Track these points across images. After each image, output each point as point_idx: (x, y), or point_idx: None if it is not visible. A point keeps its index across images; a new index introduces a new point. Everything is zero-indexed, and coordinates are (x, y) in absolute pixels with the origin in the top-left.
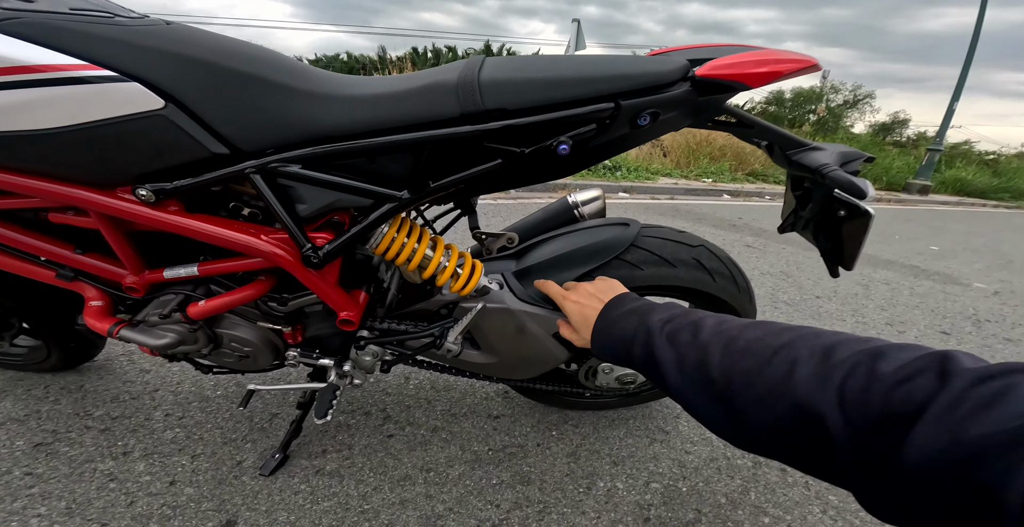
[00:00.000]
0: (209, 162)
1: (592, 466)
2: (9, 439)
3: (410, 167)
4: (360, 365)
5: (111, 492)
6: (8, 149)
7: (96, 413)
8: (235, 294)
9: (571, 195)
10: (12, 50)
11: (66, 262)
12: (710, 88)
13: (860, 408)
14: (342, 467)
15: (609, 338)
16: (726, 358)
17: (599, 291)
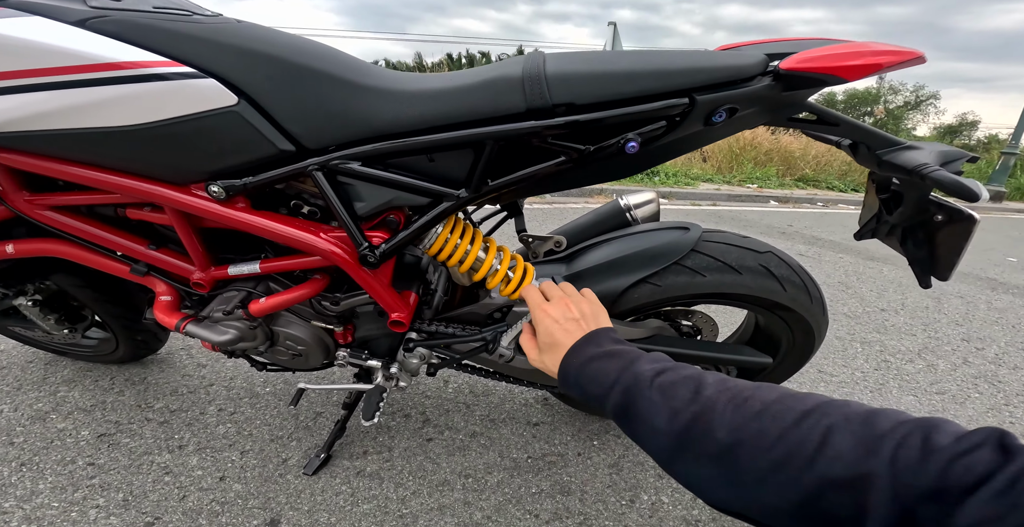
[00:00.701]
0: (275, 159)
1: (636, 478)
2: (75, 428)
3: (469, 165)
4: (406, 367)
5: (166, 485)
6: (92, 145)
7: (156, 405)
8: (293, 292)
9: (622, 198)
10: (100, 48)
11: (140, 257)
12: (796, 82)
13: (914, 480)
14: (382, 469)
15: (581, 375)
16: (736, 416)
17: (583, 316)
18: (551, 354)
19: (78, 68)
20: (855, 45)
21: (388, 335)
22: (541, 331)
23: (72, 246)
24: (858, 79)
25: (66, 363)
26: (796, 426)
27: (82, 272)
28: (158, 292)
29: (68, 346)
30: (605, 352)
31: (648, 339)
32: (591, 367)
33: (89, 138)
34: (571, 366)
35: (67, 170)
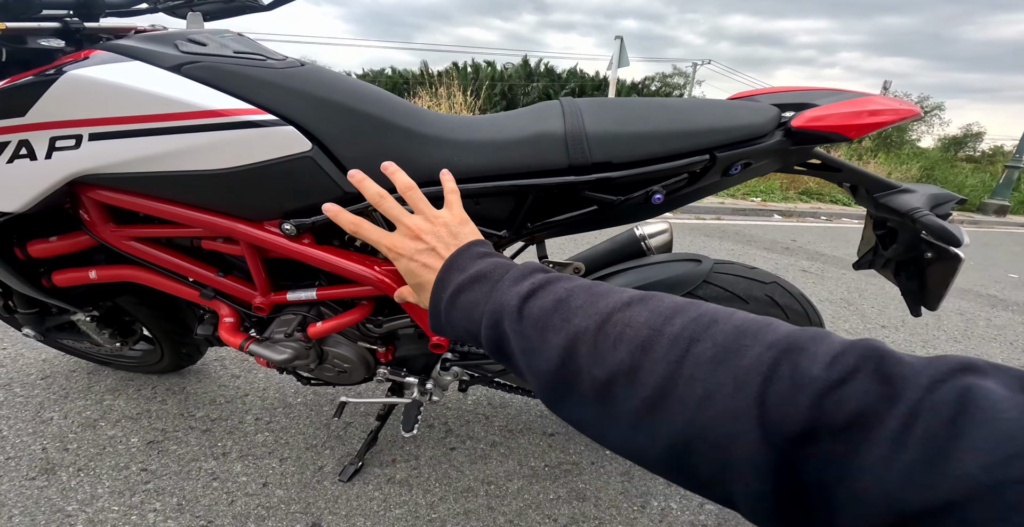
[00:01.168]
0: (340, 200)
1: (646, 485)
2: (125, 435)
3: (511, 209)
4: (440, 383)
5: (214, 490)
6: (183, 186)
7: (198, 414)
8: (346, 316)
9: (638, 227)
10: (196, 95)
11: (210, 283)
12: (804, 138)
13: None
14: (411, 476)
15: (451, 315)
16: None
17: (440, 241)
18: (421, 295)
19: (177, 115)
20: (858, 102)
21: (425, 354)
22: (403, 274)
23: (149, 272)
24: (860, 137)
25: (108, 373)
26: (663, 355)
27: (143, 292)
28: (222, 314)
29: (113, 357)
30: (470, 277)
31: None
32: (459, 301)
33: (181, 180)
34: (440, 305)
35: (157, 207)
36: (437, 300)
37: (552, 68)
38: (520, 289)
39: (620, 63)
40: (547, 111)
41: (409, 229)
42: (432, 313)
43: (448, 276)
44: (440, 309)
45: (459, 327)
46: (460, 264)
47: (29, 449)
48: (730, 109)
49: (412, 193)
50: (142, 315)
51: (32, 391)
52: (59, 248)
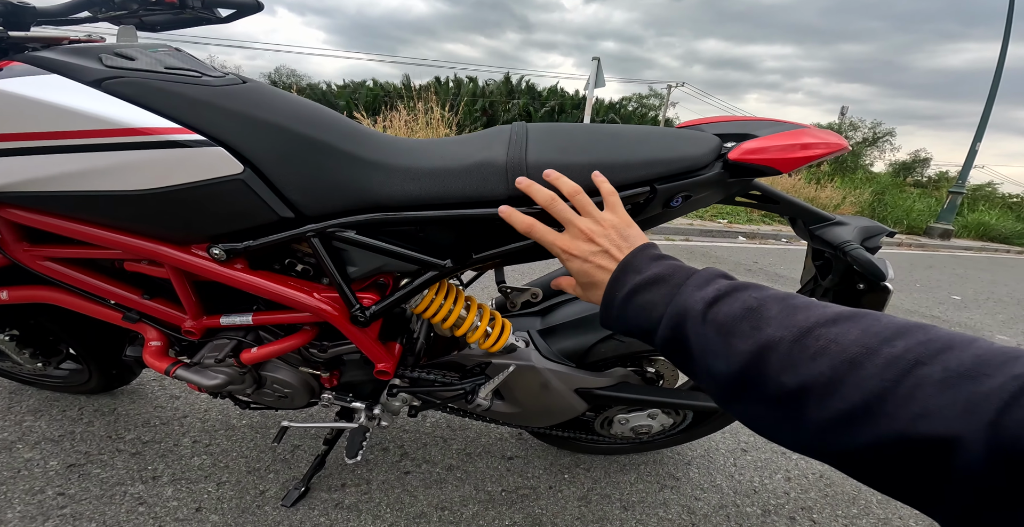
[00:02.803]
0: (275, 225)
1: (603, 510)
2: (43, 459)
3: (454, 238)
4: (389, 409)
5: (140, 515)
6: (99, 207)
7: (128, 437)
8: (284, 343)
9: None
10: (115, 112)
11: (134, 306)
12: (741, 171)
13: (1015, 444)
14: (360, 501)
15: (626, 312)
16: (801, 357)
17: (612, 244)
18: (592, 292)
19: (93, 132)
20: (791, 135)
21: (372, 380)
22: (574, 273)
23: (66, 294)
24: (790, 171)
25: (32, 392)
26: (876, 373)
27: (65, 313)
28: (148, 338)
29: (37, 377)
30: (647, 279)
31: (615, 387)
32: (635, 301)
33: (96, 201)
34: (614, 304)
35: (72, 227)
36: (611, 299)
37: (533, 86)
38: (705, 294)
39: (596, 83)
40: (494, 138)
41: (581, 231)
42: (605, 309)
43: (624, 277)
44: (613, 307)
45: (632, 325)
46: (635, 266)
47: None
48: (674, 140)
49: (580, 197)
50: (66, 335)
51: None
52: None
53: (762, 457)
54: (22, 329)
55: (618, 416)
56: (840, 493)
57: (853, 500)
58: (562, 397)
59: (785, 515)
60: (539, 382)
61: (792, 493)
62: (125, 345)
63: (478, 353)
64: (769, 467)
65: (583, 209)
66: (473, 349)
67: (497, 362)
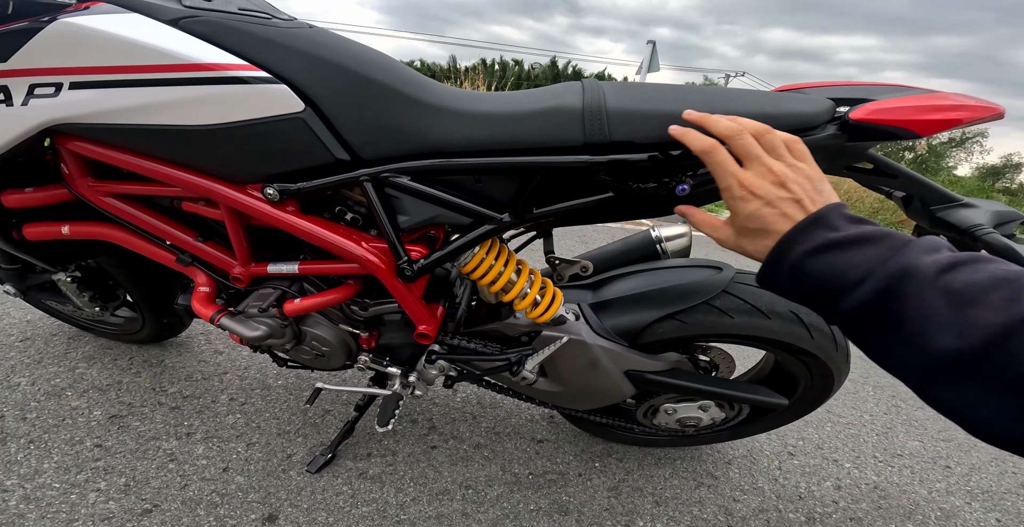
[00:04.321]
0: (330, 167)
1: (633, 504)
2: (89, 408)
3: (515, 190)
4: (424, 377)
5: (169, 473)
6: (165, 141)
7: (170, 390)
8: (327, 295)
9: (655, 230)
10: (189, 48)
11: (187, 248)
12: (863, 133)
13: None
14: (384, 473)
15: (806, 267)
16: None
17: (805, 193)
18: (757, 240)
19: (167, 67)
20: (930, 97)
21: (411, 344)
22: (744, 215)
23: (124, 232)
24: (932, 134)
25: (88, 339)
26: None
27: (123, 254)
28: (198, 282)
29: (95, 323)
30: (848, 237)
31: (668, 372)
32: (825, 258)
33: (163, 134)
34: (790, 255)
35: (136, 162)
36: (785, 251)
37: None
38: (938, 258)
39: (650, 68)
40: (565, 89)
41: (772, 172)
42: (772, 263)
43: (812, 231)
44: (786, 261)
45: (811, 283)
46: (829, 221)
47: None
48: (775, 97)
49: (771, 136)
50: (123, 279)
51: (8, 353)
52: (33, 199)
53: (811, 463)
54: (83, 271)
55: (665, 405)
56: (896, 506)
57: (909, 515)
58: (610, 378)
59: (831, 524)
60: (588, 359)
61: (841, 502)
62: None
63: (524, 323)
64: (818, 474)
65: (773, 151)
66: (519, 318)
67: (547, 334)
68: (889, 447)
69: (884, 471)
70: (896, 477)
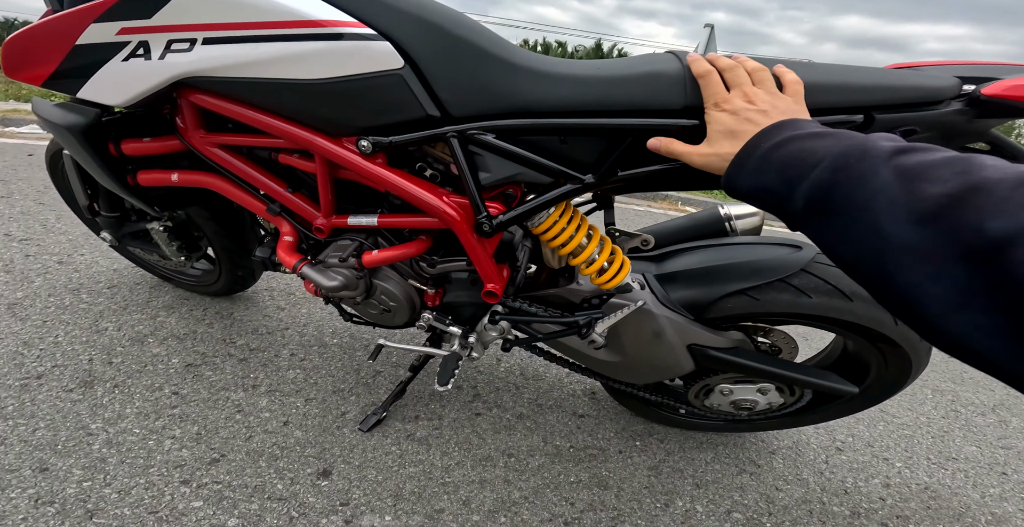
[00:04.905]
0: (421, 122)
1: (673, 483)
2: (168, 355)
3: (600, 152)
4: (483, 339)
5: (236, 423)
6: (276, 94)
7: (239, 342)
8: (402, 248)
9: (723, 207)
10: (308, 6)
11: (278, 198)
12: (993, 110)
13: None
14: (431, 436)
15: (769, 158)
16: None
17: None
18: (725, 142)
19: (288, 24)
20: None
21: (474, 304)
22: (712, 121)
23: (225, 181)
24: None
25: (168, 289)
26: None
27: (213, 208)
28: (283, 232)
29: (175, 273)
30: (811, 133)
31: (731, 350)
32: (789, 147)
33: (275, 88)
34: (754, 154)
35: (247, 114)
36: (752, 149)
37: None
38: (895, 144)
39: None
40: (658, 56)
41: (746, 94)
42: (739, 160)
43: (779, 130)
44: (752, 157)
45: (771, 176)
46: (797, 124)
47: (77, 358)
48: (898, 72)
49: (763, 73)
50: (209, 230)
51: (97, 299)
52: (150, 148)
53: (860, 459)
54: (174, 222)
55: (721, 385)
56: (946, 508)
57: (959, 517)
58: (672, 351)
59: (877, 520)
60: (652, 330)
61: (889, 500)
62: (255, 246)
63: (588, 289)
64: (866, 470)
65: (761, 83)
66: (581, 285)
67: (616, 301)
68: (944, 450)
69: (937, 473)
70: (949, 480)
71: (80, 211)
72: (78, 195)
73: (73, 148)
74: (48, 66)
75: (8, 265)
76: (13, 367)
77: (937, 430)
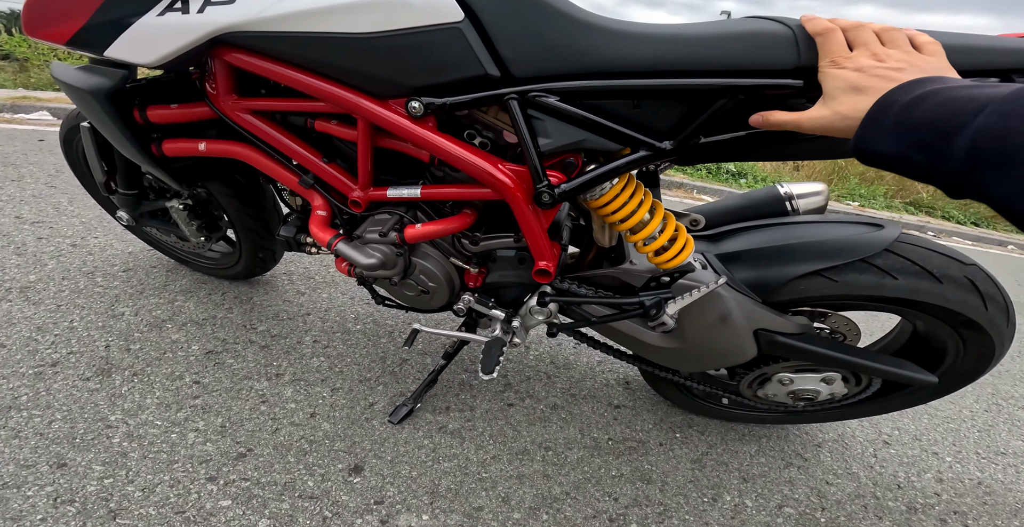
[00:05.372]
0: (478, 82)
1: (719, 478)
2: (187, 342)
3: (680, 117)
4: (527, 323)
5: (261, 415)
6: (323, 50)
7: (260, 328)
8: (447, 222)
9: (782, 185)
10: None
11: (312, 169)
12: None
13: None
14: (463, 428)
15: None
16: None
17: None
18: (848, 99)
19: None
20: None
21: (521, 285)
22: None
23: (256, 151)
24: None
25: (185, 273)
26: None
27: (235, 183)
28: (315, 206)
29: (193, 255)
30: (962, 84)
31: (799, 336)
32: (937, 98)
33: (323, 43)
34: (893, 105)
35: (288, 74)
36: (888, 103)
37: None
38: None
39: None
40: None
41: (874, 54)
42: (871, 118)
43: (921, 84)
44: (891, 111)
45: (917, 128)
46: (943, 79)
47: (93, 344)
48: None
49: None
50: (231, 208)
51: (112, 282)
52: (177, 115)
53: (909, 453)
54: (194, 200)
55: (780, 374)
56: (1001, 503)
57: (1015, 513)
58: (737, 336)
59: (935, 516)
60: (719, 313)
61: (944, 495)
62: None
63: (644, 268)
64: (917, 465)
65: (892, 42)
66: (636, 264)
67: (685, 282)
68: (991, 444)
69: (988, 468)
70: (1001, 475)
71: (96, 190)
72: (95, 170)
73: (96, 115)
74: (75, 22)
75: (20, 248)
76: (27, 354)
77: (982, 424)
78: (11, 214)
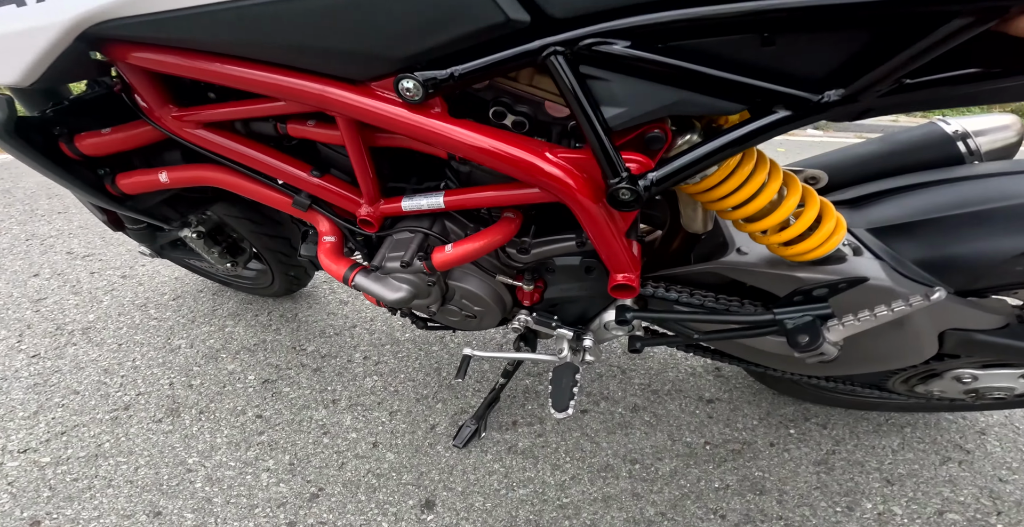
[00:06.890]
0: (498, 36)
1: (853, 480)
2: (243, 372)
3: (854, 54)
4: (601, 338)
5: (325, 449)
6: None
7: (309, 348)
8: (484, 237)
9: (946, 121)
10: None
11: (302, 186)
12: None
13: None
14: (535, 446)
15: None
16: None
17: None
18: None
19: None
20: None
21: (592, 298)
22: None
23: (229, 173)
24: None
25: (230, 295)
26: None
27: (240, 203)
28: (321, 231)
29: (231, 278)
30: None
31: (1004, 330)
32: None
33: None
34: None
35: (220, 69)
36: None
37: None
38: None
39: None
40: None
41: None
42: None
43: None
44: None
45: None
46: None
47: (158, 383)
48: None
49: None
50: (245, 230)
51: (164, 313)
52: (116, 142)
53: None
54: (206, 225)
55: (960, 371)
56: None
57: None
58: (914, 339)
59: None
60: None
61: None
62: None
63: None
64: None
65: None
66: (748, 254)
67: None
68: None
69: None
70: None
71: None
72: (91, 210)
73: (13, 154)
74: None
75: (76, 286)
76: (100, 399)
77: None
78: (62, 250)
